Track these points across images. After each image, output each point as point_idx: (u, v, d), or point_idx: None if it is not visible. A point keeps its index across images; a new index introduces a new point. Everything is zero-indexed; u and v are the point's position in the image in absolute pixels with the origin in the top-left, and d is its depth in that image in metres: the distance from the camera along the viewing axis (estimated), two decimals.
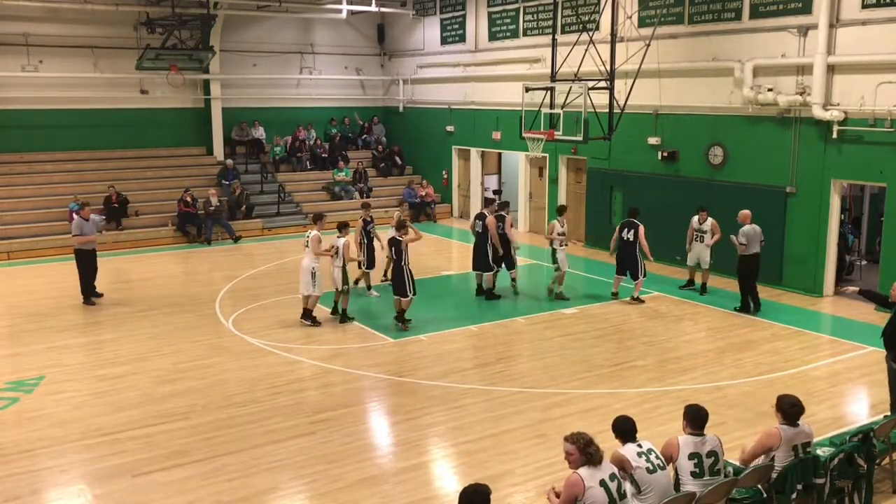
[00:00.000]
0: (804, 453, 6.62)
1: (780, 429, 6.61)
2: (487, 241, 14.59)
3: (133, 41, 22.22)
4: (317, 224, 13.40)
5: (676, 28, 16.91)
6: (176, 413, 9.64)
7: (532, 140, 16.52)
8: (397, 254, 12.76)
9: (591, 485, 5.64)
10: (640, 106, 16.91)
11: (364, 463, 8.36)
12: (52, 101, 21.70)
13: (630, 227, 14.54)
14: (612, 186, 19.02)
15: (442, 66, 24.16)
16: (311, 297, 13.16)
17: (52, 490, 7.89)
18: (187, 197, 20.78)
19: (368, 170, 25.13)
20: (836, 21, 14.17)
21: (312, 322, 13.20)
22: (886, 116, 13.59)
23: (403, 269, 12.76)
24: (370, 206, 16.11)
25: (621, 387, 10.45)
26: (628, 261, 14.61)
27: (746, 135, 15.96)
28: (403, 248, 12.73)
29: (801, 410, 6.67)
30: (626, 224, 14.65)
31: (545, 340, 12.65)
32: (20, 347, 12.26)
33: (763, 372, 10.99)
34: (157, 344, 12.39)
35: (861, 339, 12.38)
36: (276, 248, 20.00)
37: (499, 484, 7.70)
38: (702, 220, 14.94)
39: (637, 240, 14.40)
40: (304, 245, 13.24)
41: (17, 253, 18.82)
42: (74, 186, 20.95)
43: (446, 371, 11.16)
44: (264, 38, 24.65)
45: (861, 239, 17.40)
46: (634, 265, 14.54)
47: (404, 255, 12.72)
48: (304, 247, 13.23)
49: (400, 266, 12.76)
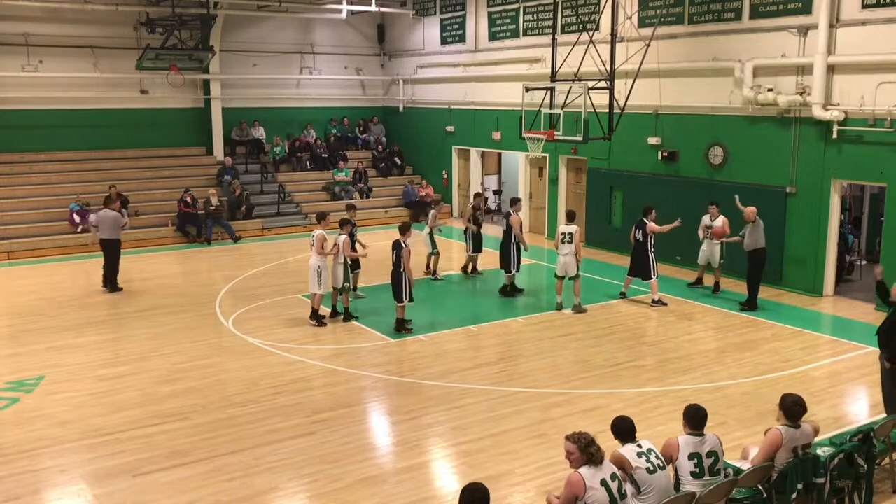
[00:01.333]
0: (803, 454, 6.62)
1: (782, 430, 6.61)
2: (510, 240, 14.74)
3: (133, 41, 22.22)
4: (321, 223, 13.42)
5: (676, 28, 16.91)
6: (176, 413, 9.64)
7: (532, 140, 16.52)
8: (397, 259, 12.61)
9: (592, 484, 5.64)
10: (640, 106, 16.91)
11: (364, 463, 8.36)
12: (52, 101, 21.70)
13: (639, 226, 14.40)
14: (612, 186, 19.02)
15: (442, 66, 24.16)
16: (315, 295, 13.17)
17: (52, 490, 7.89)
18: (187, 197, 20.78)
19: (368, 170, 25.15)
20: (836, 21, 14.16)
21: (318, 322, 13.20)
22: (886, 116, 13.59)
23: (402, 275, 12.60)
24: (355, 207, 15.70)
25: (621, 387, 10.45)
26: (638, 262, 14.39)
27: (746, 135, 15.96)
28: (405, 254, 12.56)
29: (803, 409, 6.66)
30: (637, 223, 14.49)
31: (545, 340, 12.65)
32: (20, 347, 12.26)
33: (763, 372, 10.99)
34: (157, 344, 12.39)
35: (861, 339, 12.38)
36: (276, 248, 20.01)
37: (499, 484, 7.70)
38: (713, 217, 14.88)
39: (647, 239, 14.19)
40: (311, 245, 13.27)
41: (17, 253, 18.80)
42: (74, 186, 20.96)
43: (446, 371, 11.16)
44: (264, 38, 24.65)
45: (861, 239, 17.41)
46: (646, 267, 14.26)
47: (404, 260, 12.52)
48: (311, 246, 13.26)
49: (399, 272, 12.62)
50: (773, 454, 6.59)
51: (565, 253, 13.90)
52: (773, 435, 6.62)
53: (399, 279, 12.63)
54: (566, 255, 13.90)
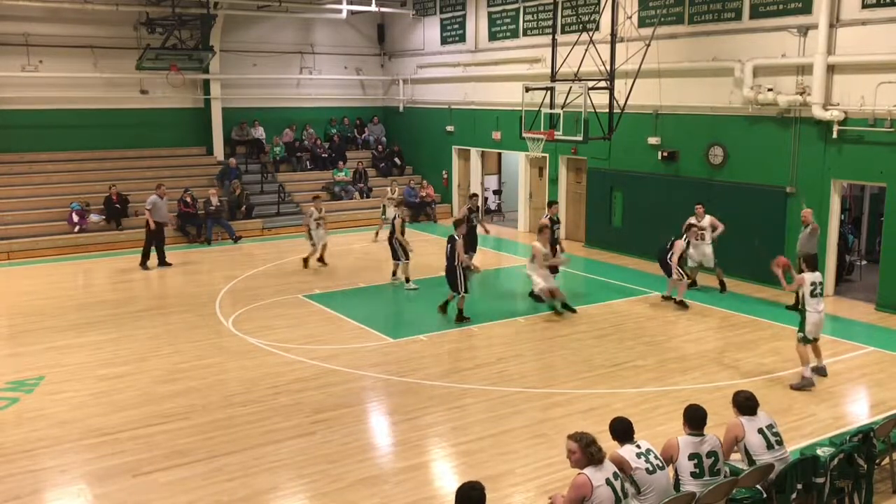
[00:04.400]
0: (774, 436, 6.76)
1: (741, 419, 6.80)
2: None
3: (133, 41, 22.22)
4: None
5: (676, 28, 16.91)
6: (176, 413, 9.64)
7: (532, 140, 16.52)
8: (451, 252, 13.07)
9: (599, 484, 5.66)
10: (640, 106, 16.91)
11: (364, 463, 8.36)
12: (52, 101, 21.70)
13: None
14: (612, 186, 19.02)
15: (442, 66, 24.17)
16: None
17: (52, 490, 7.89)
18: (187, 197, 20.78)
19: (368, 170, 25.15)
20: (836, 21, 14.16)
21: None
22: (886, 116, 13.59)
23: (457, 268, 13.15)
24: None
25: (621, 387, 10.45)
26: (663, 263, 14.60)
27: (746, 135, 15.96)
28: (458, 246, 13.09)
29: (756, 403, 6.87)
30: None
31: (545, 340, 12.65)
32: (20, 347, 12.26)
33: (763, 372, 10.99)
34: (157, 344, 12.39)
35: (861, 339, 12.39)
36: (276, 248, 20.01)
37: (499, 484, 7.71)
38: (699, 217, 14.89)
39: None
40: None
41: (17, 253, 18.80)
42: (74, 186, 20.96)
43: (446, 371, 11.16)
44: (264, 38, 24.66)
45: (861, 239, 17.40)
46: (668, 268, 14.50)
47: (458, 253, 13.09)
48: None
49: (453, 265, 13.17)
50: (735, 441, 6.75)
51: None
52: (732, 424, 6.82)
53: (453, 271, 13.20)
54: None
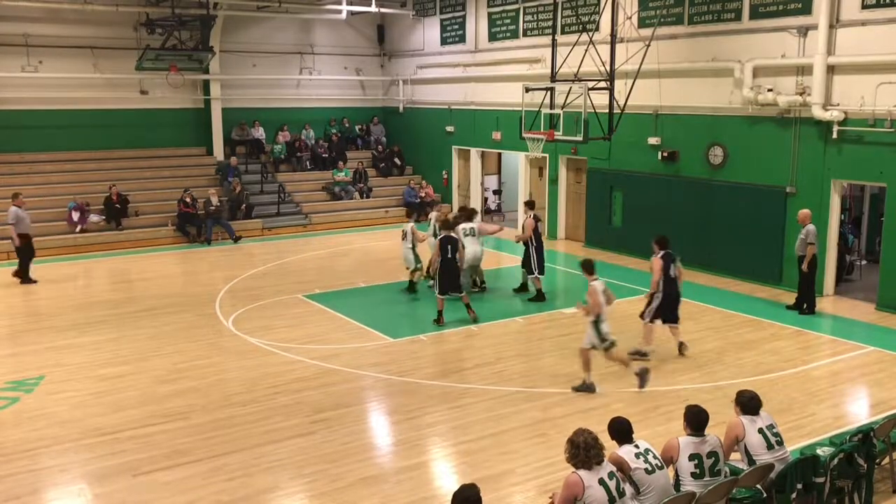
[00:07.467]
0: (775, 436, 6.72)
1: (742, 418, 6.78)
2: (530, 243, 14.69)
3: (133, 42, 22.21)
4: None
5: (676, 28, 16.91)
6: (176, 413, 9.64)
7: (532, 140, 16.52)
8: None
9: (591, 484, 5.66)
10: (640, 106, 16.91)
11: (364, 462, 8.36)
12: (52, 101, 21.70)
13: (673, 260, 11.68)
14: (612, 186, 19.02)
15: (442, 66, 24.16)
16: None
17: (52, 490, 7.89)
18: (187, 197, 20.78)
19: (368, 170, 25.16)
20: (836, 21, 14.16)
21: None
22: (886, 116, 13.58)
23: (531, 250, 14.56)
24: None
25: (621, 387, 10.44)
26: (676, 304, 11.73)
27: (746, 135, 15.96)
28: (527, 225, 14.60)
29: (759, 403, 6.84)
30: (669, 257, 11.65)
31: (545, 340, 12.65)
32: (20, 347, 12.27)
33: (763, 372, 10.98)
34: (157, 344, 12.39)
35: (861, 339, 12.38)
36: (276, 248, 20.01)
37: (499, 484, 7.71)
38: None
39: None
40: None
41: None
42: (74, 186, 20.95)
43: (446, 371, 11.17)
44: (264, 38, 24.66)
45: (861, 239, 17.40)
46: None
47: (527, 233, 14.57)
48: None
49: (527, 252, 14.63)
50: (735, 440, 6.73)
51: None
52: (732, 423, 6.78)
53: (527, 254, 14.60)
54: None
